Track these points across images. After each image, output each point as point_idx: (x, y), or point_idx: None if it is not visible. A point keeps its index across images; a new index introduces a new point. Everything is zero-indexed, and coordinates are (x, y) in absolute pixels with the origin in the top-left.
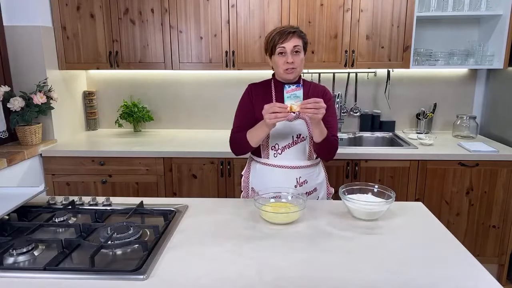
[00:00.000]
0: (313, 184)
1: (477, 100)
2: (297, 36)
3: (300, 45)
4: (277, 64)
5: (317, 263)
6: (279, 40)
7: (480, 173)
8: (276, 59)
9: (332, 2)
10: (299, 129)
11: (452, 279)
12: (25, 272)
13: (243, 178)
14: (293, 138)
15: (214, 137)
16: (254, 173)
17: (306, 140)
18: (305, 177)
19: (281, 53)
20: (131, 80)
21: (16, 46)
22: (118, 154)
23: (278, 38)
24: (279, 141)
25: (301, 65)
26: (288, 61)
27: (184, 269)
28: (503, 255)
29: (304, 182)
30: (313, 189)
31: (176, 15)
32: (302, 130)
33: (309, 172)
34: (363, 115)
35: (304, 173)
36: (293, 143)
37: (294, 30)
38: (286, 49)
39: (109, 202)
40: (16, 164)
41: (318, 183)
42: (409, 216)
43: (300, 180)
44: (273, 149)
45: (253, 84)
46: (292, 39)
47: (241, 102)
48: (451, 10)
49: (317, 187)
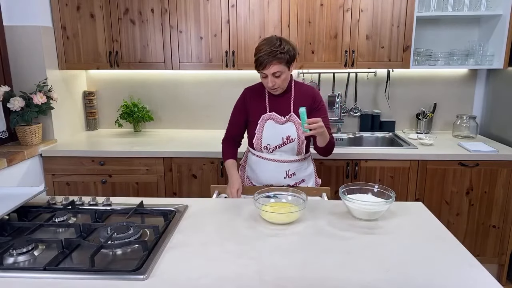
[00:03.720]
0: (301, 176)
1: (477, 100)
2: (277, 62)
3: (281, 69)
4: (262, 81)
5: (317, 263)
6: (259, 67)
7: (480, 173)
8: (260, 77)
9: (332, 2)
10: (288, 131)
11: (452, 279)
12: (25, 272)
13: (240, 167)
14: (283, 140)
15: (214, 137)
16: (250, 163)
17: (295, 141)
18: (294, 170)
19: (263, 77)
20: (131, 80)
21: (16, 46)
22: (118, 154)
23: (259, 64)
24: (271, 141)
25: (285, 82)
26: (269, 85)
27: (184, 269)
28: (503, 255)
29: (293, 174)
30: (301, 180)
31: (176, 15)
32: (291, 133)
33: (297, 166)
34: (363, 115)
35: (293, 166)
36: (283, 144)
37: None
38: (267, 74)
39: (109, 202)
40: (16, 164)
41: (307, 175)
42: (409, 216)
43: (289, 173)
44: (265, 149)
45: (249, 88)
46: (271, 66)
47: (235, 107)
48: (451, 10)
49: (305, 178)
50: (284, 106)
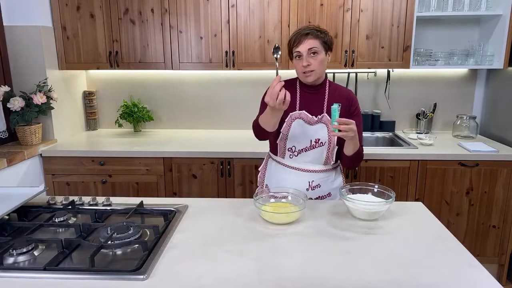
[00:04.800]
0: (326, 189)
1: (477, 100)
2: (313, 37)
3: (318, 46)
4: (296, 68)
5: (317, 263)
6: (294, 43)
7: (480, 173)
8: (294, 63)
9: (332, 2)
10: (319, 134)
11: (452, 279)
12: (25, 272)
13: (259, 174)
14: (311, 142)
15: (214, 137)
16: (270, 170)
17: (324, 145)
18: (318, 181)
19: (298, 57)
20: (131, 80)
21: (16, 46)
22: (118, 154)
23: (293, 41)
24: (297, 143)
25: (321, 66)
26: (303, 65)
27: (184, 269)
28: (503, 255)
29: (317, 186)
30: (326, 193)
31: (176, 15)
32: (321, 135)
33: (323, 177)
34: (363, 115)
35: (318, 177)
36: (310, 147)
37: (309, 32)
38: (301, 52)
39: (109, 202)
40: (16, 164)
41: (333, 188)
42: (409, 216)
43: (313, 184)
44: (290, 151)
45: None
46: (306, 41)
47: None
48: (451, 10)
49: (331, 192)
50: (317, 104)
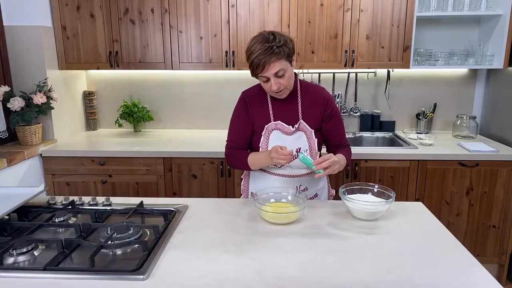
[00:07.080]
0: (313, 191)
1: (477, 100)
2: (276, 59)
3: (283, 66)
4: (264, 87)
5: (317, 263)
6: (257, 69)
7: (480, 173)
8: (261, 84)
9: (332, 2)
10: (299, 143)
11: (452, 279)
12: (25, 272)
13: (242, 181)
14: (293, 153)
15: (214, 137)
16: (254, 178)
17: (306, 153)
18: (306, 184)
19: (264, 81)
20: (131, 80)
21: (16, 46)
22: (118, 154)
23: (256, 67)
24: None
25: (291, 81)
26: (273, 89)
27: (184, 269)
28: (503, 255)
29: (305, 189)
30: (313, 195)
31: (176, 15)
32: (301, 144)
33: (309, 180)
34: (363, 115)
35: (304, 181)
36: (293, 157)
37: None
38: (268, 76)
39: (109, 202)
40: (16, 164)
41: (319, 189)
42: (409, 216)
43: (301, 188)
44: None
45: (247, 92)
46: (271, 65)
47: (235, 113)
48: (451, 10)
49: (317, 192)
50: (291, 112)
